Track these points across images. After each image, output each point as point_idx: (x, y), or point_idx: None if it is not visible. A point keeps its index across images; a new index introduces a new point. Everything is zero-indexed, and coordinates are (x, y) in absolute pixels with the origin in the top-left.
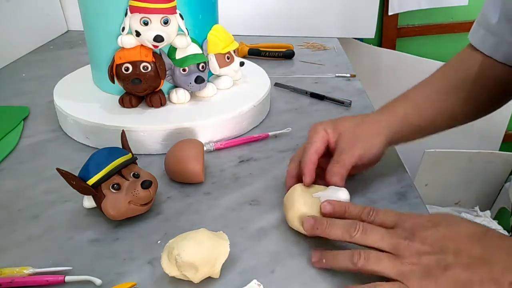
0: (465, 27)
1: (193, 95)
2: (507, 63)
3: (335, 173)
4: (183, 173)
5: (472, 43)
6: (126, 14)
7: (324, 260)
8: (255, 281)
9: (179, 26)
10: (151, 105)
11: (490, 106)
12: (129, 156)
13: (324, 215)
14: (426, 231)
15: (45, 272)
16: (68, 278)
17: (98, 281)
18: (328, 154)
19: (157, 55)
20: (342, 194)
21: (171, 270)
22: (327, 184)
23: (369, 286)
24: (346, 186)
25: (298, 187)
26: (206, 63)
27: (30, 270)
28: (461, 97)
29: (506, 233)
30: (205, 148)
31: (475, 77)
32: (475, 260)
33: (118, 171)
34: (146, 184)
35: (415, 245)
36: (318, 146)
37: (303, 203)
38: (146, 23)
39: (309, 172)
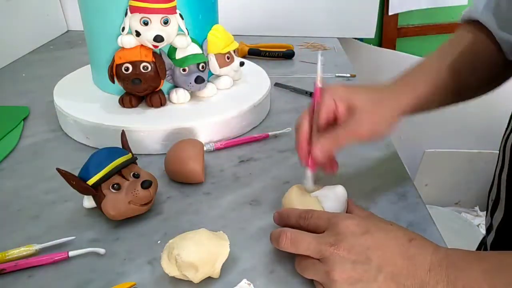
0: None
1: (193, 95)
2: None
3: (322, 148)
4: (183, 173)
5: (470, 19)
6: (126, 14)
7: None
8: (245, 280)
9: (179, 26)
10: (151, 105)
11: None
12: (129, 156)
13: (278, 224)
14: (354, 238)
15: (51, 246)
16: (71, 252)
17: (101, 251)
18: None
19: (157, 55)
20: (339, 191)
21: (171, 270)
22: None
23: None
24: (346, 185)
25: (296, 187)
26: (206, 63)
27: (36, 247)
28: (472, 70)
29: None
30: (205, 148)
31: (475, 50)
32: (399, 272)
33: (118, 171)
34: (146, 184)
35: (340, 252)
36: (321, 121)
37: (301, 203)
38: (146, 23)
39: (303, 149)
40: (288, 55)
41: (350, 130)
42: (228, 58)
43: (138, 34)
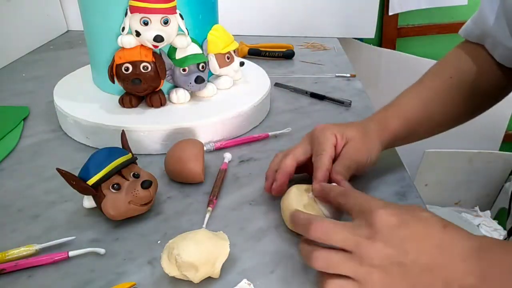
0: None
1: (193, 95)
2: (504, 64)
3: (339, 172)
4: (183, 173)
5: (472, 40)
6: (126, 14)
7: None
8: (245, 280)
9: (179, 26)
10: (151, 105)
11: (482, 108)
12: (129, 156)
13: (316, 195)
14: (390, 230)
15: (50, 246)
16: (72, 252)
17: (101, 251)
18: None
19: (157, 55)
20: None
21: (171, 270)
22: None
23: (322, 278)
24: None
25: (294, 188)
26: (206, 63)
27: (36, 247)
28: (456, 99)
29: (505, 233)
30: (205, 148)
31: (471, 77)
32: (434, 263)
33: (118, 171)
34: (146, 184)
35: (377, 245)
36: (332, 154)
37: (299, 204)
38: (146, 23)
39: (323, 180)
40: (288, 55)
41: (349, 157)
42: (228, 58)
43: (138, 34)
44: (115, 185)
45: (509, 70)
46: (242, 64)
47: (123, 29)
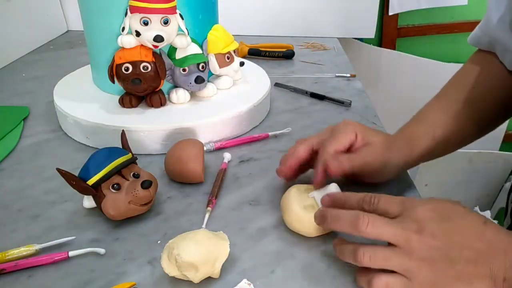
0: (465, 27)
1: (193, 95)
2: None
3: (339, 163)
4: (183, 173)
5: (484, 48)
6: (126, 14)
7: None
8: (245, 280)
9: (179, 26)
10: (151, 105)
11: (505, 117)
12: (129, 156)
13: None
14: (435, 223)
15: (51, 246)
16: (72, 252)
17: (101, 251)
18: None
19: (157, 55)
20: (331, 189)
21: (171, 270)
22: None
23: (368, 277)
24: (346, 185)
25: (293, 189)
26: (206, 63)
27: (36, 247)
28: (481, 110)
29: None
30: (205, 148)
31: (492, 87)
32: (478, 256)
33: (118, 171)
34: (146, 184)
35: (426, 239)
36: (339, 147)
37: (299, 204)
38: (146, 23)
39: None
40: (288, 55)
41: (361, 156)
42: (228, 58)
43: (138, 34)
44: (115, 185)
45: None
46: (242, 64)
47: (123, 29)
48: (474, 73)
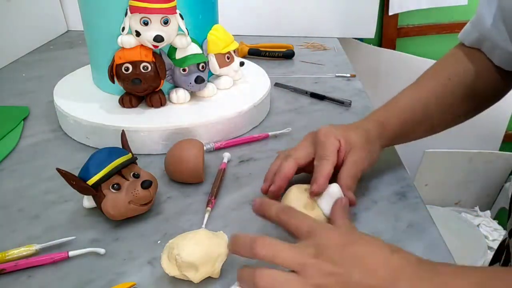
0: None
1: (193, 95)
2: (502, 67)
3: (350, 187)
4: (183, 173)
5: (468, 44)
6: (126, 14)
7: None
8: (237, 283)
9: (179, 26)
10: (151, 105)
11: (478, 109)
12: (129, 156)
13: (255, 211)
14: (336, 250)
15: (51, 246)
16: (71, 252)
17: (101, 251)
18: None
19: (157, 55)
20: (332, 190)
21: (171, 270)
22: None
23: None
24: None
25: (294, 189)
26: (206, 63)
27: (36, 247)
28: (453, 101)
29: (504, 233)
30: (205, 148)
31: (468, 79)
32: (381, 284)
33: (118, 171)
34: (146, 184)
35: (322, 265)
36: (334, 161)
37: (299, 204)
38: (146, 23)
39: (323, 185)
40: (288, 55)
41: (357, 167)
42: (228, 58)
43: (138, 34)
44: (115, 185)
45: (506, 72)
46: (242, 64)
47: (123, 29)
48: (452, 67)
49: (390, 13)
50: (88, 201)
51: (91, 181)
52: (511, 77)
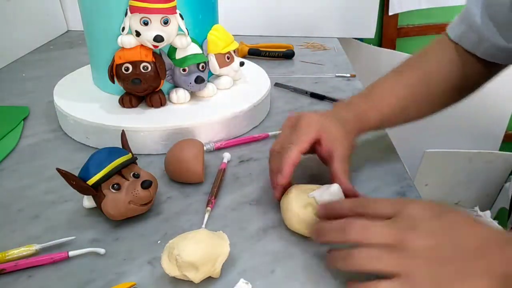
0: None
1: (193, 95)
2: (486, 59)
3: (344, 182)
4: (183, 173)
5: (452, 37)
6: (126, 14)
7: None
8: (242, 279)
9: (179, 26)
10: (151, 105)
11: (457, 100)
12: (129, 156)
13: (321, 219)
14: (428, 222)
15: (51, 246)
16: (71, 252)
17: (101, 251)
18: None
19: (157, 55)
20: (333, 190)
21: (171, 270)
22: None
23: (368, 285)
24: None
25: (294, 189)
26: (206, 63)
27: (36, 247)
28: (432, 95)
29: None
30: (205, 148)
31: (447, 71)
32: (474, 252)
33: (118, 171)
34: (146, 184)
35: (420, 237)
36: (305, 147)
37: (299, 204)
38: (146, 23)
39: (287, 174)
40: (288, 55)
41: (345, 161)
42: (228, 58)
43: (138, 34)
44: (115, 185)
45: (489, 63)
46: (242, 64)
47: (123, 29)
48: (434, 58)
49: (390, 13)
50: (88, 201)
51: (91, 181)
52: (493, 68)
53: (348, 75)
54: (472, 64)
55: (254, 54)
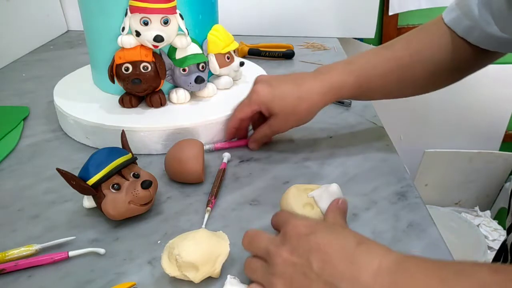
0: None
1: (193, 95)
2: (478, 45)
3: (256, 140)
4: (183, 173)
5: (446, 21)
6: (126, 14)
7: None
8: (229, 276)
9: (179, 26)
10: (151, 105)
11: (443, 84)
12: (129, 156)
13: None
14: (297, 239)
15: (50, 246)
16: (71, 252)
17: (101, 251)
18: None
19: (157, 55)
20: (332, 190)
21: (171, 270)
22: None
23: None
24: (347, 185)
25: (293, 189)
26: (206, 63)
27: (36, 247)
28: (417, 75)
29: (505, 233)
30: (205, 148)
31: (436, 52)
32: (340, 275)
33: (118, 171)
34: (146, 184)
35: (283, 254)
36: (247, 114)
37: (299, 203)
38: (146, 23)
39: (229, 133)
40: (288, 55)
41: (274, 129)
42: (228, 58)
43: (138, 34)
44: (115, 185)
45: (482, 50)
46: (242, 64)
47: (123, 29)
48: (425, 40)
49: (390, 13)
50: (88, 201)
51: (91, 181)
52: (485, 55)
53: None
54: (463, 50)
55: (254, 54)
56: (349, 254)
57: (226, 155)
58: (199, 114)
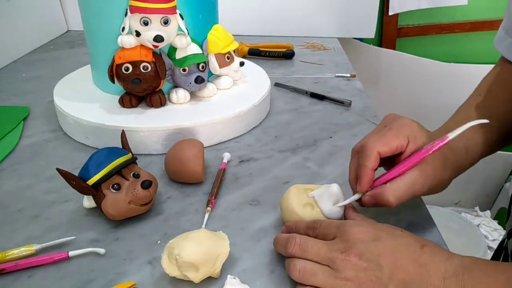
0: (465, 27)
1: (193, 95)
2: None
3: (399, 197)
4: (183, 173)
5: (499, 50)
6: (126, 14)
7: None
8: (229, 276)
9: (179, 26)
10: (151, 105)
11: None
12: (129, 156)
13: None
14: (364, 245)
15: (50, 246)
16: (71, 252)
17: (101, 251)
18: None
19: (157, 55)
20: (332, 190)
21: (171, 270)
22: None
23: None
24: (347, 185)
25: (293, 188)
26: (206, 63)
27: (36, 247)
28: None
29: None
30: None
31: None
32: (411, 278)
33: (118, 171)
34: (146, 184)
35: (351, 259)
36: (384, 150)
37: (299, 203)
38: (146, 23)
39: (366, 184)
40: (288, 55)
41: (408, 184)
42: (228, 58)
43: (138, 34)
44: (115, 185)
45: None
46: (242, 64)
47: (123, 29)
48: (499, 97)
49: (390, 13)
50: (88, 201)
51: (91, 181)
52: None
53: (348, 75)
54: None
55: (254, 54)
56: (416, 257)
57: (226, 155)
58: (199, 114)
